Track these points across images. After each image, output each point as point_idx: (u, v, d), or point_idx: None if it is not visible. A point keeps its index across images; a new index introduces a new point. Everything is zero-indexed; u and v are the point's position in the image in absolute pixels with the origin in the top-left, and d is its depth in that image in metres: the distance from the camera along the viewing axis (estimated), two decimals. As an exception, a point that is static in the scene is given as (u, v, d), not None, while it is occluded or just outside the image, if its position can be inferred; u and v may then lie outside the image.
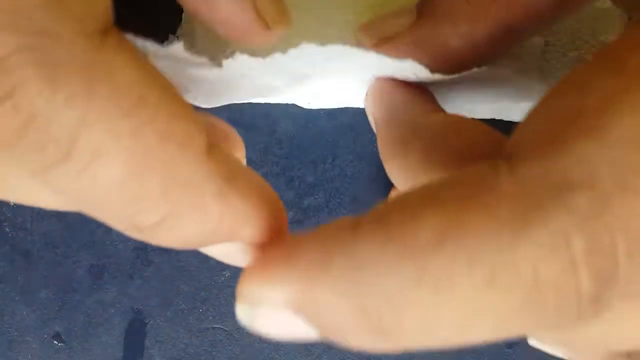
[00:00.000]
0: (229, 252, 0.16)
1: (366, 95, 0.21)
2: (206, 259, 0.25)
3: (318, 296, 0.12)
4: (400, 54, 0.19)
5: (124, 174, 0.12)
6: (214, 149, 0.13)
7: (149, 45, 0.16)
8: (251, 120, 0.26)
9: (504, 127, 0.16)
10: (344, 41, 0.19)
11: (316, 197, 0.25)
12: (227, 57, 0.19)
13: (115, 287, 0.25)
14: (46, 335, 0.25)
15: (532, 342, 0.19)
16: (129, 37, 0.14)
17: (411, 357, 0.25)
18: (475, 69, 0.21)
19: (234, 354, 0.25)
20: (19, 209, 0.26)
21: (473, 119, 0.18)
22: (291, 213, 0.25)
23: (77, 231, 0.25)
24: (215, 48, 0.25)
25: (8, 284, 0.25)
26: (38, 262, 0.25)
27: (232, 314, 0.25)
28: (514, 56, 0.24)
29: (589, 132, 0.11)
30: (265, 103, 0.25)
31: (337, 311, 0.12)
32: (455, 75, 0.21)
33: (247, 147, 0.25)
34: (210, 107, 0.26)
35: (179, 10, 0.25)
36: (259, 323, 0.13)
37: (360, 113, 0.25)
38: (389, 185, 0.25)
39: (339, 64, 0.21)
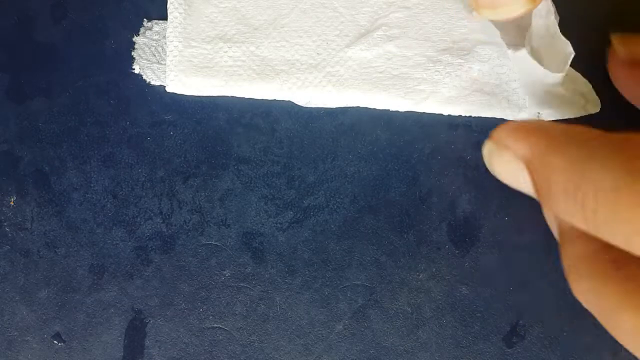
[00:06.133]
0: None
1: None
2: (206, 258, 0.25)
3: (549, 160, 0.18)
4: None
5: None
6: None
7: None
8: (251, 119, 0.26)
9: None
10: None
11: (316, 197, 0.25)
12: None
13: (115, 287, 0.25)
14: (46, 335, 0.25)
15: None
16: None
17: (413, 355, 0.25)
18: None
19: (234, 354, 0.25)
20: (19, 209, 0.26)
21: None
22: (291, 213, 0.25)
23: (77, 231, 0.25)
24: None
25: (8, 284, 0.25)
26: (38, 262, 0.25)
27: (232, 314, 0.25)
28: None
29: None
30: (265, 103, 0.25)
31: (556, 180, 0.17)
32: None
33: (247, 147, 0.26)
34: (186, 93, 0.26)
35: None
36: (494, 161, 0.20)
37: (360, 113, 0.25)
38: (389, 185, 0.25)
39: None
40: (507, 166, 0.20)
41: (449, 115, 0.25)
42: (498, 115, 0.25)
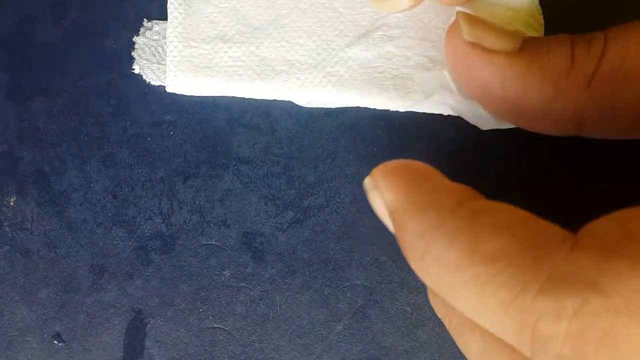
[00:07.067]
0: None
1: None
2: (206, 258, 0.25)
3: (405, 220, 0.17)
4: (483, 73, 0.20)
5: None
6: None
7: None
8: (251, 119, 0.26)
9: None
10: None
11: (316, 197, 0.25)
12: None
13: (115, 287, 0.25)
14: (46, 335, 0.25)
15: None
16: None
17: (413, 355, 0.25)
18: None
19: (234, 354, 0.25)
20: (19, 209, 0.26)
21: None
22: (291, 213, 0.25)
23: (77, 231, 0.25)
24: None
25: (8, 284, 0.25)
26: (38, 262, 0.25)
27: (232, 314, 0.25)
28: None
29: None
30: (265, 103, 0.25)
31: (408, 241, 0.17)
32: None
33: (247, 147, 0.26)
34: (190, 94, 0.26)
35: None
36: (370, 198, 0.19)
37: (360, 113, 0.25)
38: (389, 185, 0.25)
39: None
40: (378, 207, 0.19)
41: (449, 115, 0.25)
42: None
